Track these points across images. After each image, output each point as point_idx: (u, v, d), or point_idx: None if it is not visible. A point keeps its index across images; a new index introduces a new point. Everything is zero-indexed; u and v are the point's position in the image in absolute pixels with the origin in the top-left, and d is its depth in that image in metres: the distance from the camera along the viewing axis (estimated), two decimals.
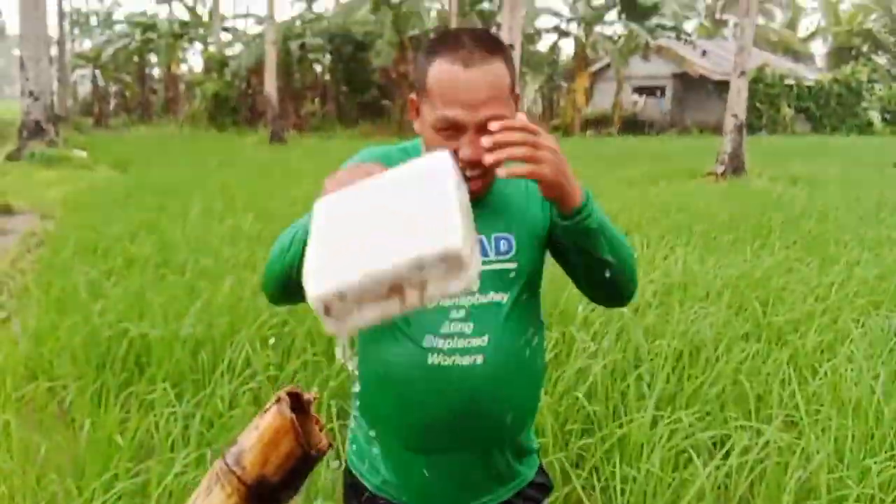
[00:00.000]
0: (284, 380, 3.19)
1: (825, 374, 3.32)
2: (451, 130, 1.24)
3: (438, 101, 1.23)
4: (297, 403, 1.05)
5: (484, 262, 1.26)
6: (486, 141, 1.14)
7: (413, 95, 1.33)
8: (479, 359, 1.29)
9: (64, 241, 5.68)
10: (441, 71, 1.23)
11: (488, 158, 1.13)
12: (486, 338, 1.30)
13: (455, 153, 1.21)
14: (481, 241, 1.30)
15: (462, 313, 1.30)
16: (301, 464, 1.05)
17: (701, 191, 10.04)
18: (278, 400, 1.01)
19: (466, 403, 1.30)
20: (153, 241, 5.60)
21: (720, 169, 12.53)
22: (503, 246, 1.33)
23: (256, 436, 1.01)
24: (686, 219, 7.29)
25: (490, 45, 1.24)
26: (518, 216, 1.35)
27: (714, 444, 2.90)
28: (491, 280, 1.31)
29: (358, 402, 1.43)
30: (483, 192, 1.30)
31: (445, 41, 1.26)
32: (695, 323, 3.87)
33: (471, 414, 1.30)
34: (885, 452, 2.63)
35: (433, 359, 1.29)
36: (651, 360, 3.36)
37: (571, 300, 4.10)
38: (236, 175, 10.52)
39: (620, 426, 2.84)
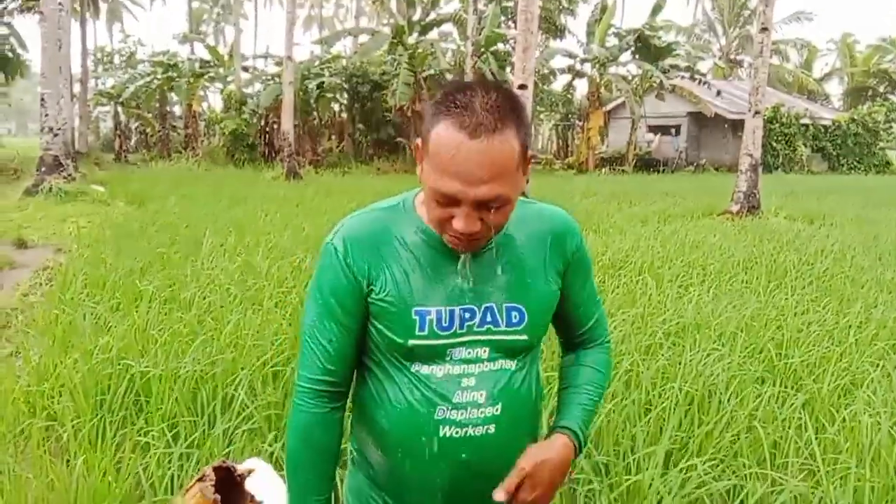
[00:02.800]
0: (285, 417, 3.12)
1: (843, 420, 3.21)
2: (446, 202, 1.17)
3: (437, 170, 1.15)
4: (229, 477, 0.96)
5: (494, 332, 1.30)
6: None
7: (418, 141, 1.24)
8: (492, 428, 1.29)
9: (74, 275, 5.68)
10: (445, 136, 1.13)
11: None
12: (498, 406, 1.29)
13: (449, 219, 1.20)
14: (490, 310, 1.29)
15: (473, 381, 1.28)
16: None
17: (716, 229, 9.94)
18: (202, 478, 0.92)
19: (476, 471, 1.30)
20: (162, 277, 5.59)
21: (735, 207, 12.44)
22: (514, 318, 1.31)
23: None
24: (700, 258, 7.19)
25: (503, 111, 1.14)
26: (532, 286, 1.33)
27: (728, 493, 2.79)
28: (500, 349, 1.30)
29: (357, 458, 1.44)
30: (479, 247, 1.28)
31: (455, 99, 1.15)
32: (707, 366, 3.77)
33: (479, 477, 1.30)
34: None
35: (445, 430, 1.28)
36: (662, 404, 3.26)
37: None
38: (251, 210, 10.56)
39: (630, 473, 2.74)
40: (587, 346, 1.50)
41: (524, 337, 1.31)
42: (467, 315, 1.28)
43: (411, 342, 1.26)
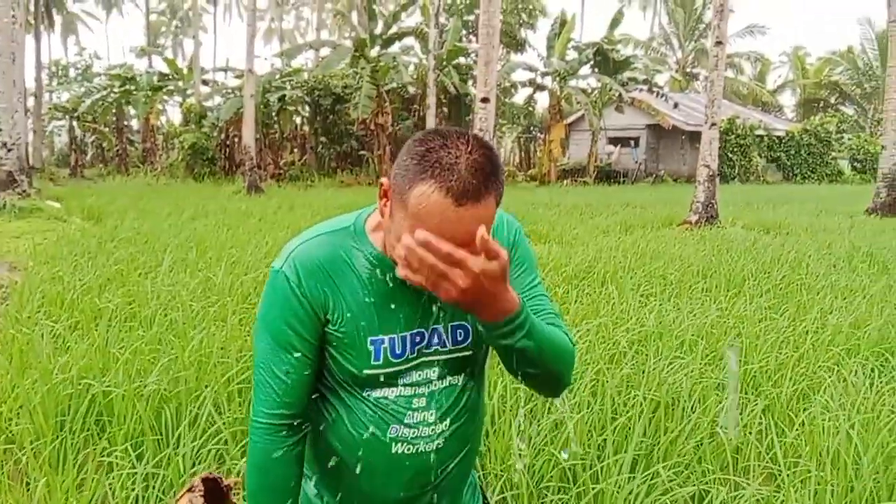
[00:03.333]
0: (244, 438, 3.09)
1: (802, 424, 3.29)
2: None
3: (416, 228, 1.10)
4: (216, 488, 0.96)
5: (442, 353, 1.32)
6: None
7: (385, 180, 1.19)
8: (440, 443, 1.33)
9: (30, 293, 5.54)
10: (430, 201, 1.09)
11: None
12: (447, 422, 1.33)
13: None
14: (437, 332, 1.31)
15: (423, 402, 1.31)
16: None
17: (675, 239, 10.12)
18: (191, 488, 0.93)
19: (424, 482, 1.35)
20: (122, 294, 5.49)
21: (694, 217, 12.68)
22: (460, 335, 1.33)
23: None
24: (660, 267, 7.31)
25: (486, 173, 1.11)
26: None
27: (692, 498, 2.83)
28: (447, 367, 1.33)
29: (307, 470, 1.43)
30: None
31: (440, 158, 1.10)
32: (670, 373, 3.83)
33: (430, 490, 1.36)
34: None
35: (397, 448, 1.31)
36: (628, 412, 3.31)
37: None
38: (211, 225, 10.43)
39: (597, 481, 2.77)
40: None
41: (469, 352, 1.34)
42: (417, 339, 1.30)
43: (366, 372, 1.28)
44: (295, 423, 1.31)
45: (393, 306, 1.27)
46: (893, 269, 7.72)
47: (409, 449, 1.31)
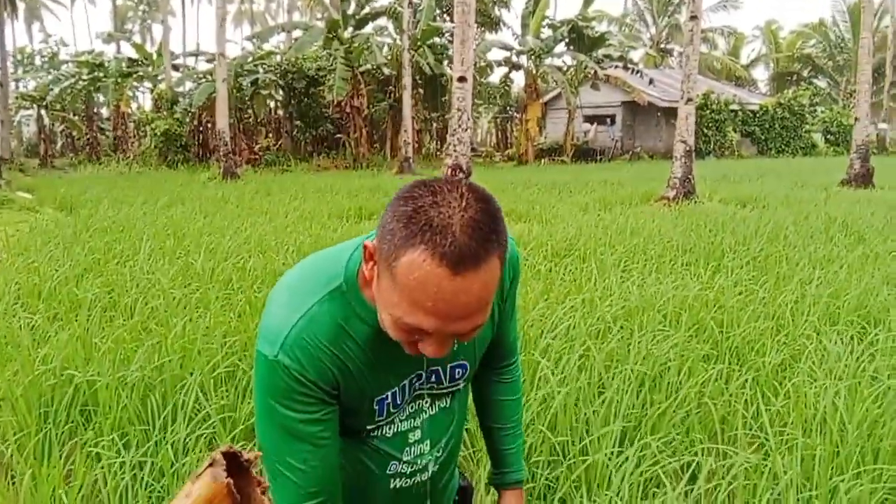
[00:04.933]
0: (240, 421, 3.07)
1: (787, 392, 3.33)
2: (413, 331, 1.02)
3: (407, 302, 0.97)
4: (236, 463, 0.94)
5: (437, 388, 1.30)
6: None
7: (369, 243, 1.04)
8: (435, 469, 1.34)
9: (6, 285, 5.45)
10: (422, 271, 0.93)
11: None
12: (439, 447, 1.34)
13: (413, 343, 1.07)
14: (436, 372, 1.28)
15: (419, 434, 1.30)
16: None
17: (653, 215, 10.18)
18: (212, 462, 0.91)
19: (422, 502, 1.37)
20: (100, 284, 5.41)
21: (671, 193, 12.75)
22: (458, 373, 1.31)
23: None
24: (640, 243, 7.35)
25: (485, 230, 0.95)
26: (476, 343, 1.30)
27: (682, 469, 2.86)
28: (440, 396, 1.32)
29: None
30: None
31: (430, 220, 0.94)
32: (655, 346, 3.86)
33: (419, 501, 1.38)
34: (852, 470, 2.62)
35: (395, 483, 1.31)
36: (615, 385, 3.33)
37: (534, 328, 4.06)
38: (187, 213, 10.31)
39: (586, 455, 2.79)
40: (500, 367, 1.48)
41: (463, 384, 1.33)
42: (415, 379, 1.26)
43: (369, 427, 1.26)
44: (327, 500, 1.19)
45: (393, 361, 1.19)
46: (869, 238, 7.83)
47: (406, 482, 1.31)
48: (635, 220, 9.33)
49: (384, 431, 1.27)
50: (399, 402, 1.24)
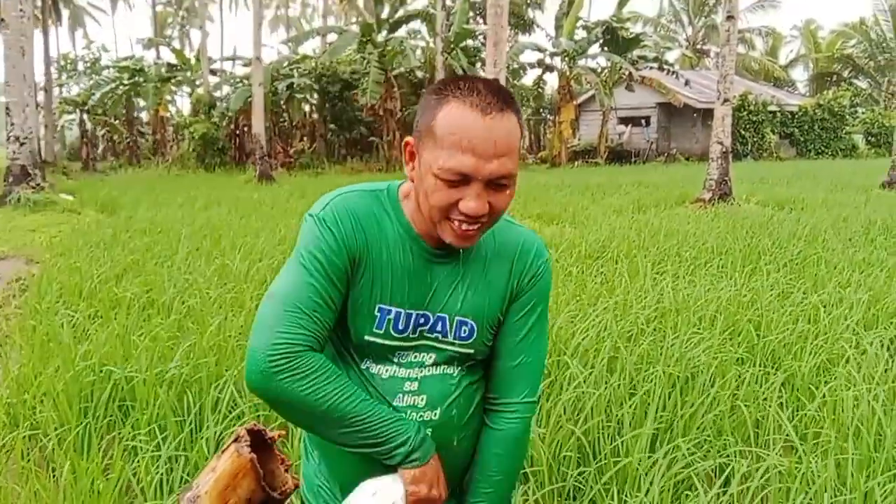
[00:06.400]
0: (272, 419, 3.12)
1: (823, 396, 3.28)
2: (457, 181, 1.16)
3: (449, 148, 1.14)
4: (260, 441, 0.97)
5: (441, 342, 1.31)
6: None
7: (410, 138, 1.24)
8: (429, 431, 1.31)
9: (49, 284, 5.60)
10: (456, 115, 1.15)
11: None
12: (436, 412, 1.32)
13: (455, 204, 1.18)
14: (442, 320, 1.30)
15: (415, 385, 1.31)
16: None
17: (689, 217, 10.06)
18: (237, 438, 0.93)
19: None
20: (139, 283, 5.53)
21: (707, 195, 12.58)
22: (464, 332, 1.32)
23: (213, 478, 0.93)
24: (675, 245, 7.28)
25: (506, 96, 1.18)
26: (487, 302, 1.33)
27: (714, 471, 2.84)
28: (445, 357, 1.33)
29: (308, 448, 1.46)
30: (471, 244, 1.25)
31: (458, 85, 1.18)
32: (689, 349, 3.82)
33: None
34: (886, 474, 2.57)
35: None
36: (646, 387, 3.31)
37: (564, 328, 4.05)
38: (224, 214, 10.47)
39: (618, 457, 2.78)
40: (496, 402, 1.39)
41: (470, 350, 1.33)
42: (422, 320, 1.29)
43: (366, 338, 1.27)
44: (316, 348, 1.21)
45: (408, 280, 1.27)
46: None
47: None
48: (670, 223, 9.23)
49: (381, 371, 1.29)
50: (401, 329, 1.27)
